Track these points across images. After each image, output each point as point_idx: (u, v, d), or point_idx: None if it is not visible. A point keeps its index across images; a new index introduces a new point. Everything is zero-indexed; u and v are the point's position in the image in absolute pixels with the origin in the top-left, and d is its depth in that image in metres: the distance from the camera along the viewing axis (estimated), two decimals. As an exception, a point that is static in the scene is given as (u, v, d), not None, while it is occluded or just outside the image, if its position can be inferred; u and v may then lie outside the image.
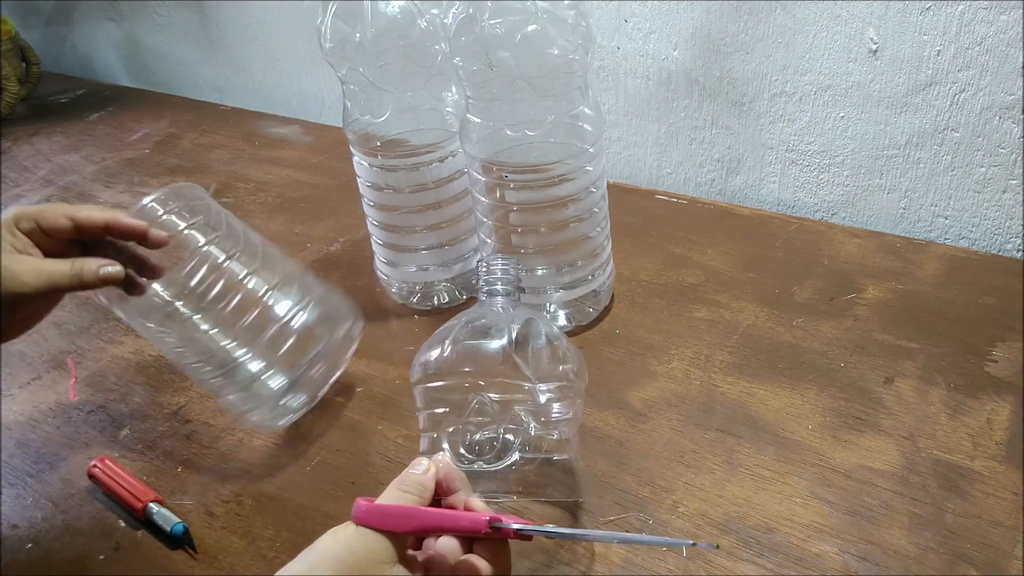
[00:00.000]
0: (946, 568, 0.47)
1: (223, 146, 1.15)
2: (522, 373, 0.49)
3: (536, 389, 0.49)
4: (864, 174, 0.82)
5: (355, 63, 0.62)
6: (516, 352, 0.49)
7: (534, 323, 0.52)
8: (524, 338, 0.50)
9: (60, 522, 0.56)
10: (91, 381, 0.70)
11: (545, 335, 0.51)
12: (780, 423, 0.58)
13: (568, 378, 0.51)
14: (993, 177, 0.75)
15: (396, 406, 0.63)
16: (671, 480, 0.54)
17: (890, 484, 0.52)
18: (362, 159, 0.68)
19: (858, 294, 0.69)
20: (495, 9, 0.56)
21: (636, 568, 0.48)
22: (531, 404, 0.49)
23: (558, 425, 0.50)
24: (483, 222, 0.66)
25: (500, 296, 0.53)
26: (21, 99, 1.36)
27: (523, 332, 0.50)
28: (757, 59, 0.81)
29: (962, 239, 0.80)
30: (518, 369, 0.49)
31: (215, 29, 1.31)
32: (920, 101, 0.75)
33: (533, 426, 0.49)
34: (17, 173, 1.14)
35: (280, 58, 1.26)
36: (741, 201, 0.91)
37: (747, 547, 0.49)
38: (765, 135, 0.85)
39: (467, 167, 0.65)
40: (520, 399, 0.49)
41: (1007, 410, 0.56)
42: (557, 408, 0.50)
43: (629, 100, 0.92)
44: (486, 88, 0.59)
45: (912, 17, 0.72)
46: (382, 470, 0.57)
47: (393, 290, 0.74)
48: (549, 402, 0.49)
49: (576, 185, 0.62)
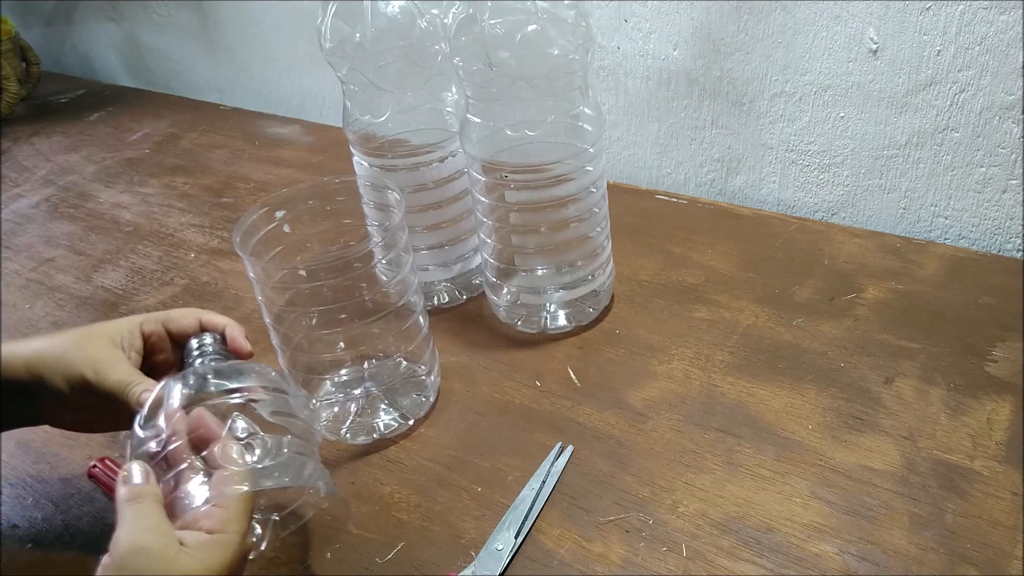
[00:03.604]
0: (946, 568, 0.47)
1: (223, 146, 1.15)
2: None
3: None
4: (864, 174, 0.82)
5: (355, 63, 0.62)
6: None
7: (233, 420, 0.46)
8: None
9: (60, 522, 0.56)
10: (91, 381, 0.70)
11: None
12: (780, 423, 0.58)
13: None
14: (993, 177, 0.75)
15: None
16: (671, 480, 0.54)
17: (890, 484, 0.52)
18: (362, 159, 0.68)
19: (858, 294, 0.69)
20: (495, 9, 0.56)
21: (636, 568, 0.48)
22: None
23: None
24: (483, 222, 0.66)
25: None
26: (21, 99, 1.36)
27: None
28: (757, 59, 0.81)
29: (962, 239, 0.80)
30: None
31: (215, 29, 1.31)
32: (920, 101, 0.75)
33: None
34: (17, 173, 1.14)
35: (280, 58, 1.26)
36: (741, 201, 0.91)
37: (747, 547, 0.49)
38: (765, 135, 0.85)
39: (467, 167, 0.65)
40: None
41: (1007, 410, 0.56)
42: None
43: (629, 100, 0.92)
44: (486, 88, 0.59)
45: (912, 17, 0.72)
46: (381, 469, 0.58)
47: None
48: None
49: (576, 185, 0.62)
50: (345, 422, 0.60)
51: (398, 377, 0.62)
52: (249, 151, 1.12)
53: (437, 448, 0.59)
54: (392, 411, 0.61)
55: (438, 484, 0.56)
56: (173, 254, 0.89)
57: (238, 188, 1.02)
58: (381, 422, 0.60)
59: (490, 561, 0.49)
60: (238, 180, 1.04)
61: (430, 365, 0.62)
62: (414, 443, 0.60)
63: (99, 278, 0.86)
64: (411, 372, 0.62)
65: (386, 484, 0.56)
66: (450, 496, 0.55)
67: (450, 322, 0.72)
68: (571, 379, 0.64)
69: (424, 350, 0.61)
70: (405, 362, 0.62)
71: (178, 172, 1.09)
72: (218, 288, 0.82)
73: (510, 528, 0.51)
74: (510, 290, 0.69)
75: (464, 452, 0.58)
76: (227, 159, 1.11)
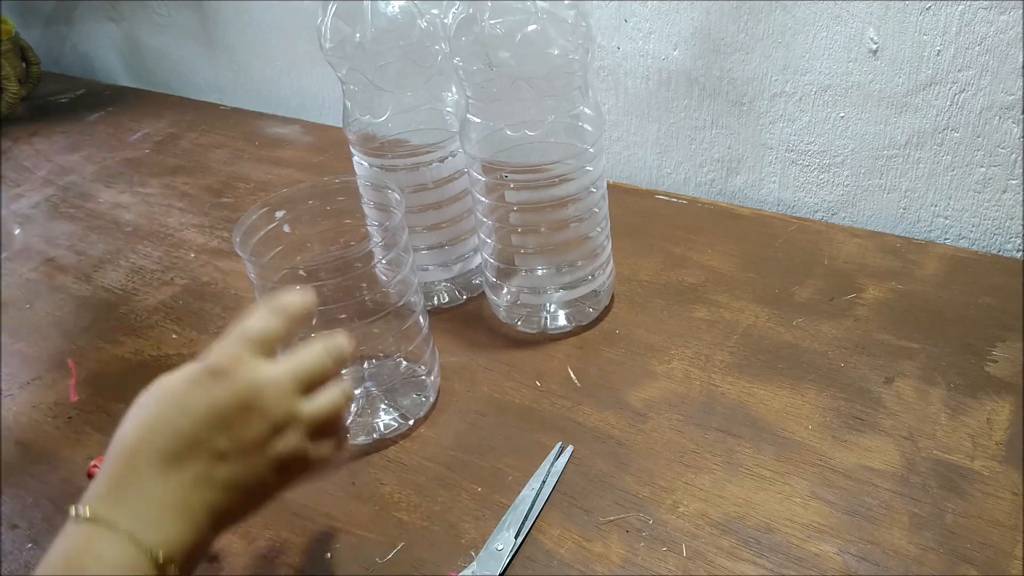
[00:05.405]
0: (946, 568, 0.47)
1: (223, 146, 1.15)
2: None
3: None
4: (864, 174, 0.82)
5: (355, 63, 0.62)
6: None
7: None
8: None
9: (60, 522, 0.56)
10: (91, 381, 0.70)
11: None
12: (780, 423, 0.58)
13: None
14: (993, 177, 0.75)
15: (396, 406, 0.63)
16: (671, 480, 0.54)
17: (890, 484, 0.52)
18: (362, 159, 0.68)
19: (858, 294, 0.69)
20: (495, 9, 0.56)
21: (636, 568, 0.48)
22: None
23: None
24: (483, 222, 0.66)
25: None
26: (21, 99, 1.36)
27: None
28: (757, 59, 0.81)
29: (962, 239, 0.80)
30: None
31: (215, 29, 1.31)
32: (920, 101, 0.75)
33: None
34: (17, 173, 1.14)
35: (280, 58, 1.26)
36: (741, 201, 0.91)
37: (747, 547, 0.49)
38: (765, 135, 0.85)
39: (467, 167, 0.65)
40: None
41: (1007, 410, 0.56)
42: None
43: (629, 100, 0.92)
44: (486, 88, 0.59)
45: (912, 17, 0.72)
46: (381, 469, 0.58)
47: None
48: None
49: (576, 185, 0.62)
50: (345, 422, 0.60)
51: (398, 377, 0.62)
52: (249, 151, 1.12)
53: (437, 448, 0.59)
54: (392, 411, 0.61)
55: (438, 484, 0.56)
56: (173, 254, 0.89)
57: (238, 188, 1.02)
58: (381, 422, 0.60)
59: (490, 561, 0.49)
60: (238, 180, 1.04)
61: (430, 365, 0.62)
62: (414, 443, 0.60)
63: (99, 278, 0.86)
64: (411, 372, 0.62)
65: (386, 484, 0.56)
66: (450, 496, 0.55)
67: (450, 322, 0.72)
68: (571, 379, 0.64)
69: (424, 350, 0.61)
70: (405, 362, 0.62)
71: (178, 172, 1.09)
72: (218, 288, 0.82)
73: (510, 528, 0.51)
74: (510, 290, 0.69)
75: (464, 452, 0.58)
76: (227, 159, 1.11)
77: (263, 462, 0.39)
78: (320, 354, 0.43)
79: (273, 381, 0.40)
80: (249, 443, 0.38)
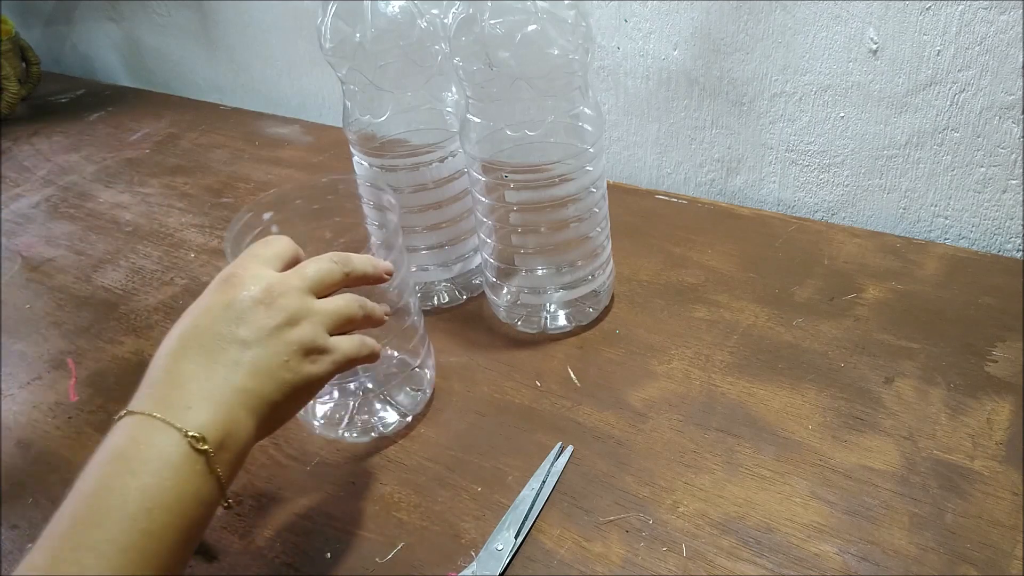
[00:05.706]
0: (946, 568, 0.47)
1: (223, 146, 1.15)
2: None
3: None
4: (864, 174, 0.82)
5: (355, 63, 0.62)
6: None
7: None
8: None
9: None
10: (91, 381, 0.70)
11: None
12: (780, 423, 0.58)
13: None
14: (993, 177, 0.75)
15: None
16: (671, 480, 0.54)
17: (890, 484, 0.52)
18: (362, 159, 0.68)
19: (858, 294, 0.70)
20: (495, 9, 0.56)
21: (636, 568, 0.48)
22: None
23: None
24: (483, 222, 0.66)
25: None
26: (21, 99, 1.36)
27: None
28: (757, 59, 0.81)
29: (962, 239, 0.80)
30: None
31: (215, 29, 1.31)
32: (920, 101, 0.75)
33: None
34: (17, 173, 1.14)
35: (280, 58, 1.26)
36: (741, 201, 0.91)
37: (747, 547, 0.49)
38: (765, 135, 0.85)
39: (467, 167, 0.65)
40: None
41: (1007, 410, 0.56)
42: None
43: (629, 100, 0.92)
44: (486, 88, 0.59)
45: (912, 17, 0.72)
46: (381, 469, 0.58)
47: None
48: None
49: (576, 185, 0.62)
50: (343, 420, 0.60)
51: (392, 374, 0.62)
52: (249, 151, 1.12)
53: (437, 448, 0.59)
54: (389, 408, 0.61)
55: (438, 484, 0.56)
56: (173, 254, 0.89)
57: (238, 188, 1.02)
58: (379, 420, 0.60)
59: (490, 561, 0.49)
60: (238, 180, 1.04)
61: (424, 359, 0.62)
62: (414, 443, 0.60)
63: (99, 278, 0.86)
64: (404, 365, 0.62)
65: (386, 484, 0.56)
66: (450, 496, 0.55)
67: (450, 322, 0.72)
68: (571, 379, 0.64)
69: (420, 349, 0.61)
70: (397, 354, 0.62)
71: (178, 172, 1.09)
72: (218, 288, 0.82)
73: (510, 528, 0.51)
74: (510, 290, 0.69)
75: (464, 452, 0.58)
76: (227, 159, 1.11)
77: (284, 347, 0.43)
78: (325, 260, 0.48)
79: (280, 279, 0.45)
80: (267, 330, 0.43)
